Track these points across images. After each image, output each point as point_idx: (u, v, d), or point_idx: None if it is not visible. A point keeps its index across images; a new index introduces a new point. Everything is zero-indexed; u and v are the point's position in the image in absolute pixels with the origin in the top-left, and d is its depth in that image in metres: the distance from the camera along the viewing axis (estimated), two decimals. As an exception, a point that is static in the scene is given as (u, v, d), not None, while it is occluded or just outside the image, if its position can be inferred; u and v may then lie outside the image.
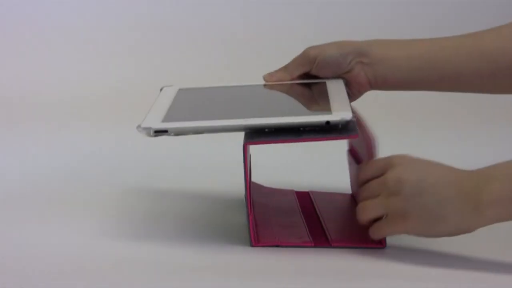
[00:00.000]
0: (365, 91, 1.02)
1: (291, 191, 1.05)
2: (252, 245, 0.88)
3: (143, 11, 1.59)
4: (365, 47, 1.00)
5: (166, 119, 0.88)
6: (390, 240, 0.89)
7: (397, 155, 0.88)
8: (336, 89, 0.96)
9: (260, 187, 1.06)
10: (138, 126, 0.87)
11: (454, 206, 0.83)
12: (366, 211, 0.87)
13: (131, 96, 1.49)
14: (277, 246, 0.89)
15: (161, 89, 1.01)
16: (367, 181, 0.88)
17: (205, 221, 0.99)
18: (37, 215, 1.00)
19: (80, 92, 1.49)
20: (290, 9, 1.60)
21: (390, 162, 0.87)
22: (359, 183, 0.89)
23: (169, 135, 0.86)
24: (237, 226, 0.96)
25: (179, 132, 0.86)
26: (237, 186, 1.07)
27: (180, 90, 1.00)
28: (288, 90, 0.99)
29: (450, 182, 0.84)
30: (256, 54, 1.56)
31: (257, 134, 0.85)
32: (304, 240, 0.90)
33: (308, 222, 0.95)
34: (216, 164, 1.27)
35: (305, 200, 1.02)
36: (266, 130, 0.85)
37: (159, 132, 0.86)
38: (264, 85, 1.00)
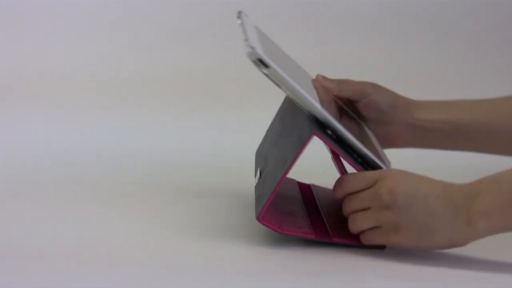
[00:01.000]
0: (392, 147, 1.03)
1: (294, 181, 1.05)
2: (257, 219, 0.88)
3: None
4: (413, 107, 1.01)
5: (266, 53, 0.85)
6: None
7: (387, 169, 0.89)
8: (376, 142, 0.99)
9: None
10: (247, 41, 0.84)
11: (445, 219, 0.83)
12: (358, 223, 0.88)
13: (138, 85, 1.49)
14: (278, 232, 0.89)
15: (239, 14, 0.94)
16: (354, 192, 0.88)
17: (209, 219, 0.99)
18: (41, 206, 1.02)
19: (86, 80, 1.49)
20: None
21: (380, 175, 0.87)
22: (345, 193, 0.89)
23: (261, 70, 0.85)
24: (237, 224, 0.96)
25: (273, 76, 0.86)
26: (242, 186, 1.08)
27: (256, 28, 0.94)
28: (339, 105, 0.99)
29: (441, 195, 0.84)
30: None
31: (323, 129, 0.88)
32: (305, 230, 0.90)
33: (309, 213, 0.95)
34: (221, 164, 1.27)
35: (307, 192, 1.02)
36: (329, 132, 0.88)
37: (259, 62, 0.84)
38: (313, 81, 0.98)
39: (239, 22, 0.90)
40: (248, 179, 1.07)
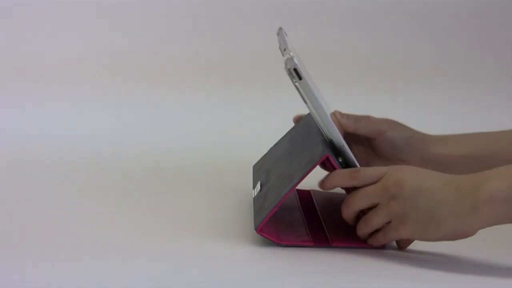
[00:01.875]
0: None
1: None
2: (256, 230, 0.89)
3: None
4: (429, 142, 1.01)
5: (300, 65, 0.87)
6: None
7: (396, 165, 0.89)
8: None
9: None
10: (287, 49, 0.87)
11: (450, 206, 0.83)
12: (372, 222, 0.87)
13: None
14: (276, 244, 0.89)
15: (279, 31, 0.97)
16: (362, 186, 0.89)
17: (209, 219, 1.00)
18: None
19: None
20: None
21: (389, 169, 0.88)
22: (356, 184, 0.89)
23: (294, 82, 0.87)
24: (238, 224, 0.96)
25: (302, 89, 0.87)
26: (242, 186, 1.08)
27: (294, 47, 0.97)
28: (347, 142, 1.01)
29: (447, 184, 0.84)
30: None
31: (336, 156, 0.90)
32: (303, 239, 0.91)
33: (308, 220, 0.96)
34: (220, 163, 1.27)
35: (306, 199, 1.03)
36: (340, 160, 0.90)
37: (294, 72, 0.86)
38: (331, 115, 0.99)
39: (279, 38, 0.92)
40: (248, 179, 1.07)
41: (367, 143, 1.02)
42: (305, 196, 1.04)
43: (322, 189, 0.91)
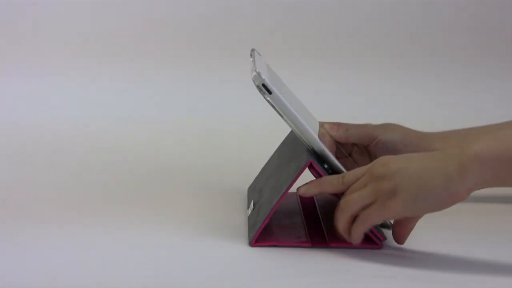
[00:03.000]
0: None
1: (296, 194, 1.06)
2: (250, 245, 0.90)
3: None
4: (428, 139, 1.00)
5: (270, 81, 0.89)
6: (386, 240, 0.90)
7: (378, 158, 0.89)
8: None
9: None
10: (254, 66, 0.88)
11: (438, 170, 0.82)
12: (353, 203, 0.86)
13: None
14: (274, 246, 0.90)
15: (252, 52, 0.97)
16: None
17: (208, 219, 1.00)
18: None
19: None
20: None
21: (373, 162, 0.87)
22: (345, 186, 0.89)
23: (265, 97, 0.88)
24: (237, 225, 0.96)
25: (275, 103, 0.89)
26: (241, 186, 1.08)
27: (268, 65, 0.97)
28: (342, 155, 1.01)
29: (433, 154, 0.85)
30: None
31: (321, 162, 0.92)
32: (301, 240, 0.91)
33: (308, 222, 0.97)
34: (220, 163, 1.27)
35: (308, 202, 1.03)
36: (326, 166, 0.91)
37: (263, 88, 0.88)
38: (320, 128, 0.99)
39: (251, 60, 0.93)
40: (247, 179, 1.07)
41: (365, 151, 1.01)
42: (308, 199, 1.04)
43: (304, 195, 0.92)
